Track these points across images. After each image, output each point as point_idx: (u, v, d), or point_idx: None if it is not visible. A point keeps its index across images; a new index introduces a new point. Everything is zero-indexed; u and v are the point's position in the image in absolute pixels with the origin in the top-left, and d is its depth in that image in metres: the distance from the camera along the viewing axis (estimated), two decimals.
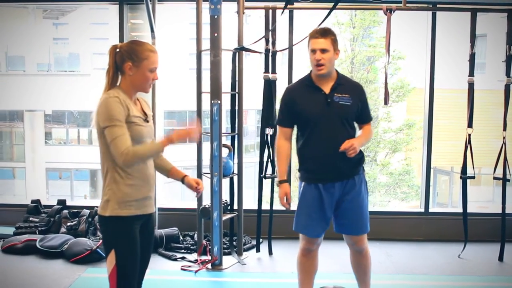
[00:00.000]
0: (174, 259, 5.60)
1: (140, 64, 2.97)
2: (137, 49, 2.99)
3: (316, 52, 3.66)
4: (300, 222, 3.90)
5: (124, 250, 3.00)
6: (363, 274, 4.05)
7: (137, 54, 2.97)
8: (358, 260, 4.02)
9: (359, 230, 3.87)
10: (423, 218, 6.46)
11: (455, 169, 15.08)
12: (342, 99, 3.71)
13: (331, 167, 3.73)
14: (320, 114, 3.72)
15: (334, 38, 3.72)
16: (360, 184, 3.84)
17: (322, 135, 3.72)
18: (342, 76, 3.85)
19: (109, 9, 7.50)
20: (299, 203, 3.93)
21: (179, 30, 15.10)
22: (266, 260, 5.71)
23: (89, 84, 15.20)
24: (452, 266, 5.54)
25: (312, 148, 3.78)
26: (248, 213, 5.92)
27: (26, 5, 14.93)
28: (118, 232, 3.01)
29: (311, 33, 3.76)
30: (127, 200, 2.98)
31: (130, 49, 2.99)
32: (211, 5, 5.20)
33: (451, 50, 10.75)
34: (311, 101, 3.75)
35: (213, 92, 5.30)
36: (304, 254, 3.96)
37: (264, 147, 5.66)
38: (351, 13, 14.87)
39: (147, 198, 3.09)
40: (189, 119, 18.59)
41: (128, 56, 2.97)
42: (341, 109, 3.71)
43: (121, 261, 3.00)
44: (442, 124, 8.11)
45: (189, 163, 14.90)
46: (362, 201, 3.84)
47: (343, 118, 3.71)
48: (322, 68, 3.68)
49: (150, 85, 3.07)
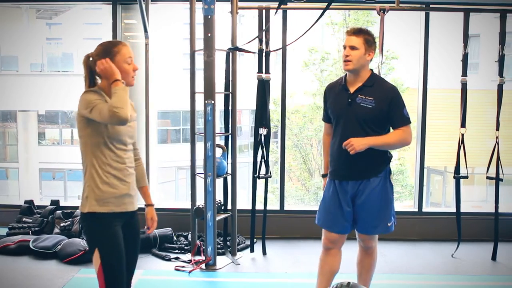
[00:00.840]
0: (168, 259, 5.60)
1: (114, 59, 2.99)
2: (106, 48, 3.04)
3: (346, 48, 3.73)
4: (320, 215, 3.96)
5: (107, 247, 3.02)
6: (365, 272, 4.04)
7: (107, 53, 3.01)
8: (363, 257, 4.03)
9: (368, 229, 3.86)
10: (416, 217, 6.48)
11: (448, 168, 15.12)
12: (365, 101, 3.71)
13: (345, 166, 3.77)
14: (340, 112, 3.80)
15: (367, 38, 3.73)
16: (378, 185, 3.77)
17: (341, 134, 3.77)
18: (373, 78, 3.81)
19: (102, 9, 7.49)
20: (322, 198, 3.98)
21: (172, 30, 15.08)
22: (260, 260, 5.71)
23: (82, 84, 15.16)
24: (446, 265, 5.55)
25: (334, 145, 3.87)
26: (242, 213, 5.92)
27: (19, 5, 14.86)
28: (98, 229, 3.04)
29: (346, 31, 3.85)
30: (105, 197, 3.02)
31: (100, 51, 3.04)
32: (205, 5, 5.20)
33: (444, 50, 10.77)
34: (337, 99, 3.85)
35: (207, 92, 5.30)
36: (323, 251, 3.97)
37: (257, 147, 5.66)
38: (344, 13, 14.89)
39: (126, 195, 3.10)
40: (182, 119, 18.59)
41: (101, 57, 3.00)
42: (361, 110, 3.70)
43: (105, 258, 3.01)
44: (436, 124, 8.12)
45: (183, 163, 14.90)
46: (376, 202, 3.77)
47: (361, 120, 3.70)
48: (348, 64, 3.72)
49: (132, 77, 3.09)
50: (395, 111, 3.74)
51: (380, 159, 3.80)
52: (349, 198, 3.80)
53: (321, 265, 3.98)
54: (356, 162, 3.70)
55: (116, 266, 3.03)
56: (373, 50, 3.77)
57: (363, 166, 3.73)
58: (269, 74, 5.65)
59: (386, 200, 3.82)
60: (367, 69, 3.81)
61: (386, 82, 3.90)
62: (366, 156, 3.67)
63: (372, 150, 3.67)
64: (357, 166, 3.73)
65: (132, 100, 6.67)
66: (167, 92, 13.69)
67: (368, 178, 3.76)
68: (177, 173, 18.60)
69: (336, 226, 3.86)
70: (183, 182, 18.36)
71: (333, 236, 3.88)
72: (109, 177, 3.03)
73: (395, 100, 3.75)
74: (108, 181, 3.02)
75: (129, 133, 3.12)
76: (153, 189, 6.47)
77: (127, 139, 3.10)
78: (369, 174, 3.76)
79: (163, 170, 16.54)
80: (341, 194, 3.81)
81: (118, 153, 3.05)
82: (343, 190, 3.81)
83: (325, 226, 3.92)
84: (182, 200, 18.09)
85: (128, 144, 3.13)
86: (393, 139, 3.75)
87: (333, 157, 3.87)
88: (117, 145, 3.04)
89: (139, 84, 6.45)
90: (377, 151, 3.72)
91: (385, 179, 3.82)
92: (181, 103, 6.91)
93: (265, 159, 5.67)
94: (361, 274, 4.06)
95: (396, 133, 3.76)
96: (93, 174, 3.01)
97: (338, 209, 3.82)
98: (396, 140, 3.75)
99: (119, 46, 3.05)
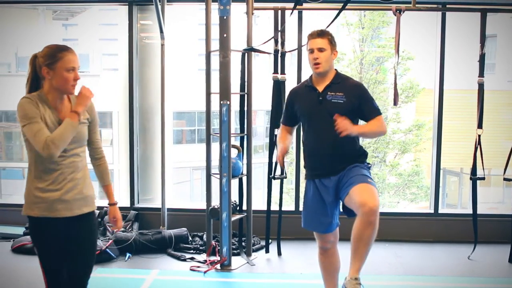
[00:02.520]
0: (183, 260, 5.61)
1: (55, 66, 2.95)
2: (50, 52, 2.98)
3: (314, 51, 3.77)
4: (305, 218, 3.97)
5: (40, 249, 3.08)
6: (363, 247, 3.45)
7: (50, 57, 2.96)
8: (364, 228, 3.42)
9: (360, 179, 3.62)
10: (432, 219, 6.44)
11: (464, 170, 15.03)
12: (335, 97, 3.76)
13: (325, 163, 3.78)
14: (312, 112, 3.83)
15: (330, 38, 3.81)
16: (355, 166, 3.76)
17: (315, 133, 3.82)
18: (339, 76, 3.89)
19: (118, 10, 7.52)
20: (303, 201, 4.00)
21: (187, 31, 15.11)
22: (275, 260, 5.71)
23: (98, 84, 15.25)
24: (462, 267, 5.52)
25: (308, 145, 3.90)
26: (257, 213, 5.92)
27: (36, 6, 14.97)
28: (32, 230, 3.10)
29: (308, 34, 3.88)
30: (36, 201, 3.01)
31: (44, 54, 2.98)
32: (220, 6, 5.20)
33: (461, 51, 10.70)
34: (306, 100, 3.87)
35: (222, 93, 5.31)
36: (321, 253, 4.02)
37: (273, 147, 5.66)
38: (360, 13, 14.82)
39: (58, 201, 3.02)
40: (198, 119, 18.62)
41: (43, 61, 2.96)
42: (333, 106, 3.74)
43: (40, 257, 3.09)
44: (452, 125, 8.08)
45: (198, 163, 14.93)
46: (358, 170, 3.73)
47: (334, 115, 3.69)
48: (319, 67, 3.77)
49: (73, 86, 3.02)
50: (367, 104, 3.81)
51: (357, 153, 3.84)
52: (331, 190, 3.79)
53: (323, 267, 4.03)
54: (336, 158, 3.74)
55: (51, 267, 3.09)
56: (336, 50, 3.85)
57: (343, 160, 3.75)
58: (284, 75, 5.65)
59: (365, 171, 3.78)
60: (333, 68, 3.87)
61: (352, 79, 4.00)
62: (343, 151, 3.74)
63: (348, 144, 3.74)
64: (335, 161, 3.75)
65: (148, 100, 6.74)
66: (182, 93, 13.72)
67: (346, 168, 3.75)
68: (192, 174, 18.62)
69: (322, 225, 3.89)
70: (198, 183, 18.37)
71: (324, 237, 3.93)
72: (42, 182, 3.01)
73: (365, 95, 3.84)
74: (42, 186, 3.01)
75: (73, 139, 3.02)
76: (168, 189, 6.51)
77: (69, 145, 3.01)
78: (348, 165, 3.76)
79: (178, 171, 16.56)
80: (322, 191, 3.82)
81: (55, 159, 2.97)
82: (324, 186, 3.81)
83: (312, 228, 3.95)
84: (197, 201, 18.10)
85: (69, 150, 3.02)
86: (374, 126, 3.79)
87: (311, 158, 3.89)
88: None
89: (154, 85, 6.50)
90: (353, 145, 3.80)
91: (363, 165, 3.82)
92: (196, 103, 6.94)
93: None
94: (359, 251, 3.46)
95: (373, 123, 3.79)
96: (29, 177, 3.05)
97: (322, 208, 3.84)
98: (376, 128, 3.80)
99: (64, 52, 2.98)
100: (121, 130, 7.48)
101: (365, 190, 3.54)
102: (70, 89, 3.02)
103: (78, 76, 3.03)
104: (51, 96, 3.01)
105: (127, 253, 5.68)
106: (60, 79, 2.96)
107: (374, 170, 14.88)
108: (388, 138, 15.26)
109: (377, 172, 15.01)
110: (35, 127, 2.89)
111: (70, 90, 3.03)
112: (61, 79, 2.96)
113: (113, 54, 17.92)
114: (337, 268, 4.03)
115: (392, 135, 15.33)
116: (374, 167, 15.20)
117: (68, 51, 3.00)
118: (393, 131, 15.25)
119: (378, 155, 15.42)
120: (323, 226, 3.89)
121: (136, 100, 6.58)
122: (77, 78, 3.02)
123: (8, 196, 17.15)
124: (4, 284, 4.94)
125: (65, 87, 3.00)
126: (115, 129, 16.22)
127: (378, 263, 5.49)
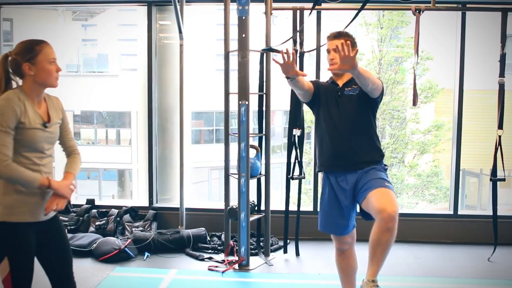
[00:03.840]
0: (201, 259, 5.62)
1: (36, 59, 2.88)
2: (27, 47, 2.90)
3: (330, 52, 3.79)
4: (321, 221, 3.95)
5: (16, 258, 2.88)
6: (380, 252, 3.39)
7: (29, 51, 2.88)
8: (382, 233, 3.36)
9: (377, 185, 3.56)
10: (452, 220, 6.39)
11: (484, 171, 14.91)
12: (351, 90, 3.79)
13: (341, 156, 3.75)
14: (331, 104, 3.82)
15: (347, 38, 3.76)
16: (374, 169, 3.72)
17: (335, 124, 3.79)
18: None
19: (137, 11, 7.56)
20: (320, 204, 3.98)
21: (206, 31, 15.15)
22: (293, 261, 5.70)
23: (117, 84, 15.35)
24: (482, 269, 5.47)
25: (324, 138, 3.86)
26: (275, 214, 5.92)
27: (56, 7, 15.09)
28: (8, 238, 2.87)
29: (327, 36, 3.89)
30: (17, 206, 2.86)
31: (20, 50, 2.89)
32: (239, 6, 5.21)
33: (481, 51, 10.62)
34: (327, 92, 3.87)
35: (241, 93, 5.32)
36: (338, 254, 4.00)
37: (291, 148, 5.65)
38: (378, 13, 14.75)
39: (38, 204, 2.93)
40: (215, 119, 18.66)
41: (22, 57, 2.87)
42: (348, 99, 3.77)
43: (14, 268, 2.88)
44: (471, 126, 8.01)
45: (216, 163, 14.96)
46: (375, 173, 3.69)
47: (351, 106, 3.76)
48: (334, 65, 3.74)
49: (56, 78, 2.96)
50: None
51: (374, 147, 3.81)
52: (348, 192, 3.76)
53: (340, 268, 4.02)
54: (350, 152, 3.72)
55: (24, 277, 2.91)
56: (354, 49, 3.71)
57: (357, 155, 3.73)
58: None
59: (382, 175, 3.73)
60: None
61: None
62: (360, 144, 3.73)
63: (365, 139, 3.75)
64: (351, 155, 3.73)
65: (167, 100, 6.76)
66: (200, 93, 13.76)
67: (363, 168, 3.72)
68: (210, 173, 18.67)
69: (339, 228, 3.87)
70: (216, 183, 18.42)
71: (341, 238, 3.91)
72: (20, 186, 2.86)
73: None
74: (22, 189, 2.86)
75: (48, 139, 2.96)
76: (186, 189, 6.52)
77: (44, 145, 2.93)
78: (364, 163, 3.73)
79: (196, 171, 16.62)
80: (339, 193, 3.79)
81: (34, 160, 2.90)
82: (341, 189, 3.78)
83: (328, 231, 3.94)
84: (215, 200, 18.17)
85: (46, 150, 2.95)
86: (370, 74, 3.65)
87: (327, 150, 3.84)
88: (32, 153, 2.88)
89: (173, 85, 6.52)
90: (370, 140, 3.78)
91: (381, 167, 3.78)
92: (214, 103, 6.94)
93: (298, 160, 5.66)
94: (377, 256, 3.40)
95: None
96: (5, 182, 2.85)
97: (338, 210, 3.81)
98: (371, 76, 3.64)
99: (42, 45, 2.91)
100: (139, 130, 7.53)
101: (383, 195, 3.49)
102: (54, 81, 2.96)
103: (60, 68, 2.98)
104: (33, 94, 2.92)
105: (146, 253, 5.70)
106: (43, 72, 2.89)
107: (393, 171, 14.82)
108: (407, 139, 15.19)
109: (396, 173, 14.94)
110: (5, 138, 2.77)
111: (53, 82, 2.96)
112: (44, 72, 2.89)
113: (132, 54, 18.01)
114: (354, 269, 4.02)
115: (411, 135, 15.26)
116: (393, 167, 15.13)
117: (45, 43, 2.94)
118: (412, 131, 15.17)
119: (396, 155, 15.35)
120: (339, 228, 3.88)
121: (154, 100, 6.61)
122: (59, 70, 2.97)
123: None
124: None
125: (49, 80, 2.93)
126: (134, 129, 16.33)
127: (397, 264, 5.46)
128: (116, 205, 6.56)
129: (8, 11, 7.98)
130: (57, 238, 3.12)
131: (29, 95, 2.90)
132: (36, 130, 2.87)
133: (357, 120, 3.77)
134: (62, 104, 3.15)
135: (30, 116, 2.86)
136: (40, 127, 2.90)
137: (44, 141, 2.93)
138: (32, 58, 2.87)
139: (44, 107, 3.00)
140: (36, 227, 2.96)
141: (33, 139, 2.87)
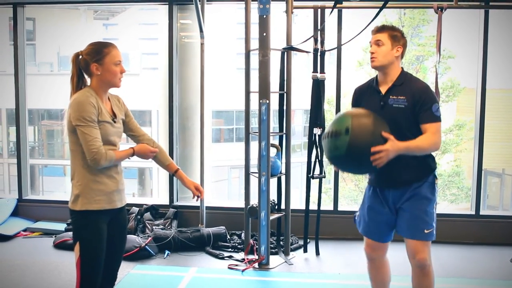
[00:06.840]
0: (221, 258, 5.64)
1: (103, 61, 3.10)
2: (96, 49, 3.13)
3: (372, 45, 3.59)
4: (359, 220, 3.84)
5: (89, 244, 3.11)
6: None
7: (97, 53, 3.11)
8: (419, 278, 3.60)
9: (414, 233, 3.55)
10: (474, 221, 6.33)
11: (506, 171, 14.76)
12: (397, 102, 3.50)
13: (384, 174, 3.52)
14: None
15: (392, 33, 3.56)
16: (421, 188, 3.55)
17: None
18: (404, 76, 3.59)
19: (158, 10, 7.59)
20: (362, 203, 3.86)
21: (227, 30, 15.18)
22: (313, 260, 5.69)
23: (138, 83, 15.43)
24: (504, 270, 5.41)
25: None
26: (296, 213, 5.91)
27: (78, 7, 15.23)
28: (85, 226, 3.12)
29: (371, 30, 3.67)
30: (96, 194, 3.11)
31: (90, 51, 3.13)
32: (260, 5, 5.20)
33: (504, 49, 10.51)
34: (369, 103, 3.61)
35: (262, 92, 5.31)
36: (369, 262, 3.86)
37: (312, 147, 5.64)
38: (400, 11, 14.68)
39: (115, 192, 3.21)
40: (236, 118, 18.68)
41: (91, 58, 3.11)
42: (395, 112, 3.50)
43: (85, 253, 3.11)
44: (493, 125, 7.94)
45: (236, 162, 14.98)
46: (420, 204, 3.55)
47: (397, 123, 3.46)
48: (374, 60, 3.55)
49: (120, 79, 3.20)
50: (424, 108, 3.44)
51: (423, 163, 3.57)
52: (391, 204, 3.61)
53: (371, 276, 3.89)
54: (395, 171, 3.48)
55: (93, 262, 3.13)
56: (400, 45, 3.57)
57: (403, 174, 3.52)
58: (324, 74, 5.61)
59: (430, 204, 3.60)
60: (397, 66, 3.59)
61: (418, 81, 3.61)
62: (408, 162, 3.48)
63: (410, 158, 3.47)
64: (396, 174, 3.51)
65: (188, 99, 6.78)
66: (221, 92, 13.79)
67: (409, 184, 3.54)
68: (230, 172, 18.72)
69: (375, 233, 3.73)
70: (236, 181, 18.47)
71: (372, 244, 3.76)
72: (99, 175, 3.12)
73: (427, 99, 3.45)
74: (99, 179, 3.12)
75: (117, 134, 3.24)
76: (206, 187, 6.54)
77: (115, 138, 3.21)
78: (411, 181, 3.55)
79: (217, 169, 16.67)
80: (382, 199, 3.64)
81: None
82: (384, 198, 3.64)
83: (364, 233, 3.78)
84: (235, 199, 18.20)
85: (116, 143, 3.22)
86: (423, 142, 3.43)
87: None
88: (105, 146, 3.10)
89: (194, 84, 6.54)
90: (417, 158, 3.51)
91: (429, 184, 3.60)
92: (235, 102, 6.96)
93: (319, 159, 5.64)
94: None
95: (423, 137, 3.45)
96: (84, 172, 3.10)
97: (378, 214, 3.67)
98: (424, 143, 3.43)
99: (109, 47, 3.15)
100: (160, 129, 7.57)
101: (418, 244, 3.57)
102: (117, 82, 3.20)
103: (124, 69, 3.21)
104: (100, 92, 3.16)
105: (166, 251, 5.73)
106: (109, 73, 3.13)
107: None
108: None
109: None
110: (90, 131, 3.02)
111: (118, 83, 3.20)
112: (110, 73, 3.13)
113: (153, 53, 18.11)
114: (385, 280, 3.86)
115: None
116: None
117: (112, 46, 3.16)
118: None
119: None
120: (375, 233, 3.72)
121: (175, 99, 6.63)
122: (123, 71, 3.20)
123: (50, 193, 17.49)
124: (47, 279, 5.03)
125: (114, 80, 3.17)
126: (155, 128, 16.41)
127: None
128: (136, 203, 6.60)
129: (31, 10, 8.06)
130: (121, 230, 3.35)
131: (97, 93, 3.15)
132: (108, 125, 3.13)
133: (404, 136, 3.43)
134: (123, 100, 3.42)
135: (103, 111, 3.12)
136: (110, 121, 3.16)
137: (114, 135, 3.20)
138: (100, 59, 3.11)
139: (109, 104, 3.25)
140: (110, 215, 3.21)
141: (106, 133, 3.12)
